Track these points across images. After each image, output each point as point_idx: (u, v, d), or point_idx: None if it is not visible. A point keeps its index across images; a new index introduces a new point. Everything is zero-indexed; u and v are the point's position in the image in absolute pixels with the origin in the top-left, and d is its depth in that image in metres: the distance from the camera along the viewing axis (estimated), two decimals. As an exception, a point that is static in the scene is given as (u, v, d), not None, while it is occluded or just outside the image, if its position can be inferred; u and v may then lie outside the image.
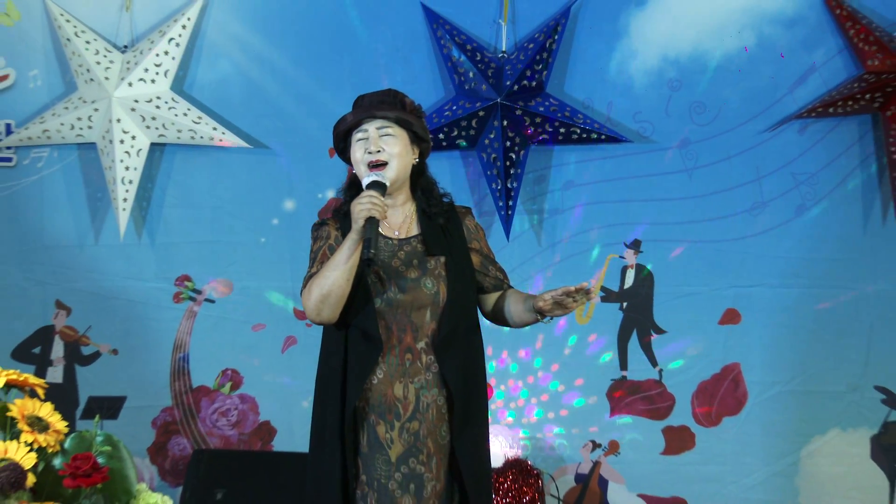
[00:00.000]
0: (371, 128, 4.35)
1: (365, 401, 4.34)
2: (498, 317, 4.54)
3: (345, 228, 4.36)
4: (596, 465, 6.60)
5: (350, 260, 4.20)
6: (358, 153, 4.36)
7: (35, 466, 3.75)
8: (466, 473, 4.36)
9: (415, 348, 4.34)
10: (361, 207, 4.17)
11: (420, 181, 4.51)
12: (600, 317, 6.61)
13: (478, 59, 6.34)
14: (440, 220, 4.49)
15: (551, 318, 4.34)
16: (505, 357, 6.63)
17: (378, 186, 4.25)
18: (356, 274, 4.28)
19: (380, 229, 4.36)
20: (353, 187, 4.50)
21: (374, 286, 4.32)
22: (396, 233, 4.41)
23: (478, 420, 4.46)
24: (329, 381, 4.42)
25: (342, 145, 4.49)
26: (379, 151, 4.31)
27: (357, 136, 4.39)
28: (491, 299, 4.52)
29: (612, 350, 6.60)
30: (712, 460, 6.54)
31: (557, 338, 6.64)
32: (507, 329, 4.92)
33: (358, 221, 4.18)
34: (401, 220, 4.42)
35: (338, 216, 4.48)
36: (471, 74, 6.36)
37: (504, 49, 6.41)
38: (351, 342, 4.35)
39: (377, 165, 4.31)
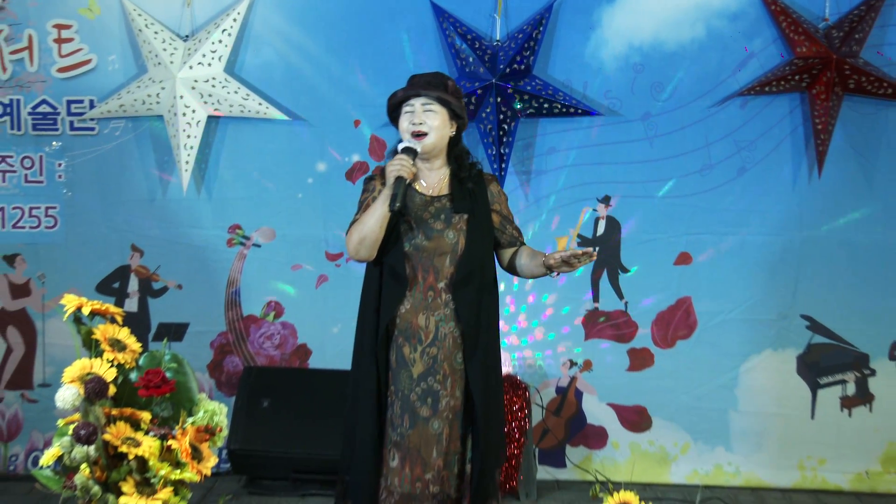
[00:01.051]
0: (417, 103, 4.69)
1: (395, 326, 4.72)
2: (511, 269, 4.87)
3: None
4: (573, 379, 6.96)
5: (383, 210, 4.56)
6: (404, 123, 4.71)
7: (115, 380, 4.11)
8: (475, 392, 4.70)
9: (436, 287, 4.71)
10: (392, 168, 4.56)
11: (455, 150, 4.81)
12: None
13: (476, 46, 6.62)
14: (469, 184, 4.78)
15: (558, 274, 4.74)
16: (501, 290, 6.55)
17: (410, 151, 4.62)
18: (392, 223, 4.63)
19: (416, 187, 4.74)
20: (395, 153, 4.75)
21: (405, 233, 4.67)
22: (431, 191, 4.76)
23: (488, 349, 4.76)
24: (366, 309, 4.78)
25: (394, 114, 4.80)
26: (421, 123, 4.66)
27: (405, 108, 4.72)
28: (507, 253, 4.86)
29: (587, 286, 6.92)
30: (668, 376, 6.89)
31: (547, 276, 6.74)
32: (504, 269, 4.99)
33: (389, 178, 4.56)
34: (435, 180, 4.78)
35: (384, 173, 4.76)
36: (471, 59, 6.64)
37: (498, 38, 6.69)
38: (384, 278, 4.71)
39: (418, 135, 4.67)
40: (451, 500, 4.75)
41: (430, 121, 4.70)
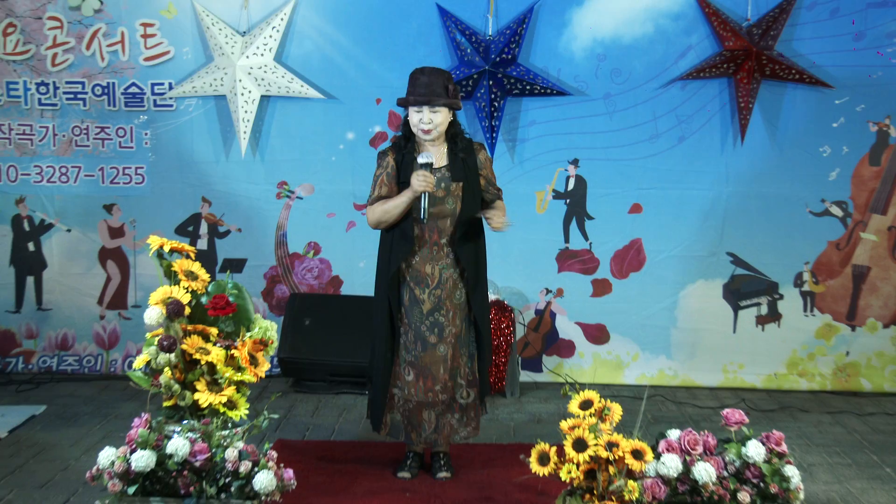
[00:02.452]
0: (425, 108, 4.74)
1: (408, 273, 4.86)
2: None
3: (397, 158, 4.79)
4: (548, 304, 6.99)
5: (403, 207, 4.71)
6: (415, 118, 4.78)
7: (189, 302, 4.32)
8: (477, 315, 4.92)
9: (439, 243, 4.88)
10: (417, 184, 4.65)
11: (451, 130, 4.88)
12: (552, 209, 6.89)
13: (473, 40, 6.60)
14: (462, 154, 4.86)
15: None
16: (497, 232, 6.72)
17: (428, 166, 4.68)
18: (401, 188, 4.75)
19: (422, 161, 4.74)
20: (405, 126, 4.87)
21: (413, 202, 4.76)
22: (435, 166, 4.80)
23: (482, 284, 4.95)
24: (382, 262, 4.91)
25: (405, 106, 4.84)
26: (430, 122, 4.73)
27: (414, 107, 4.78)
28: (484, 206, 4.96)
29: (559, 230, 6.93)
30: (622, 300, 6.93)
31: (528, 221, 6.83)
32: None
33: (416, 191, 4.66)
34: (437, 155, 4.83)
35: (395, 147, 4.86)
36: (468, 50, 6.60)
37: (490, 33, 6.65)
38: (395, 237, 4.84)
39: (427, 131, 4.74)
40: (457, 404, 4.95)
41: (435, 119, 4.77)
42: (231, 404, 4.22)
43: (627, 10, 6.74)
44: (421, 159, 4.71)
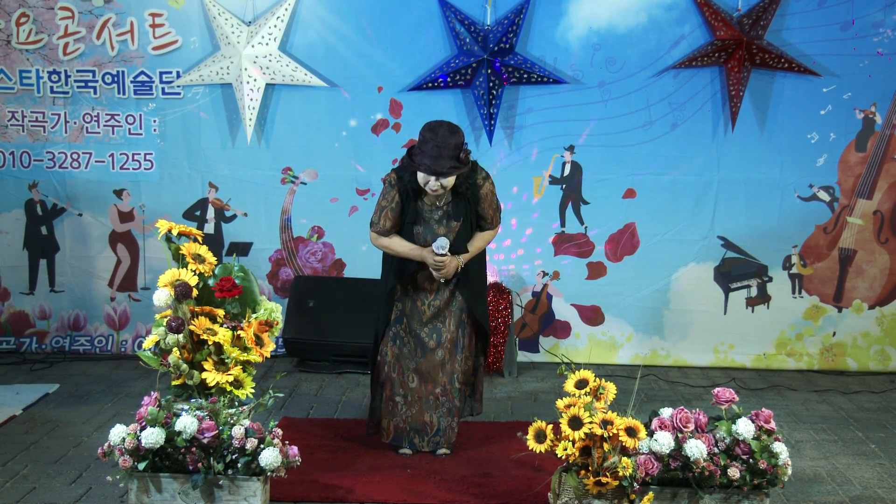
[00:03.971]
0: (433, 178, 4.67)
1: (412, 285, 4.92)
2: None
3: (402, 191, 4.79)
4: (545, 286, 6.97)
5: (415, 260, 4.80)
6: (422, 178, 4.70)
7: (197, 284, 4.30)
8: (474, 308, 4.96)
9: None
10: (433, 266, 4.76)
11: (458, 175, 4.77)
12: (549, 194, 6.87)
13: (472, 30, 6.57)
14: (464, 188, 4.81)
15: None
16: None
17: (444, 249, 4.74)
18: (405, 219, 4.79)
19: (427, 200, 4.82)
20: (410, 156, 4.74)
21: (417, 234, 4.82)
22: (437, 203, 4.85)
23: (480, 302, 4.99)
24: (387, 273, 4.97)
25: (412, 164, 4.70)
26: (438, 187, 4.69)
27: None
28: None
29: (555, 214, 6.91)
30: (617, 283, 6.92)
31: (525, 206, 6.87)
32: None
33: (437, 278, 4.79)
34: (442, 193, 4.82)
35: (399, 184, 4.81)
36: (467, 40, 6.58)
37: (489, 23, 6.61)
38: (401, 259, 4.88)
39: (436, 192, 4.70)
40: (456, 408, 4.98)
41: (445, 182, 4.72)
42: (237, 383, 4.23)
43: (621, 0, 6.72)
44: (437, 249, 4.75)
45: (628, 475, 3.80)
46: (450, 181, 4.72)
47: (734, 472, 3.89)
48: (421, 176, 4.70)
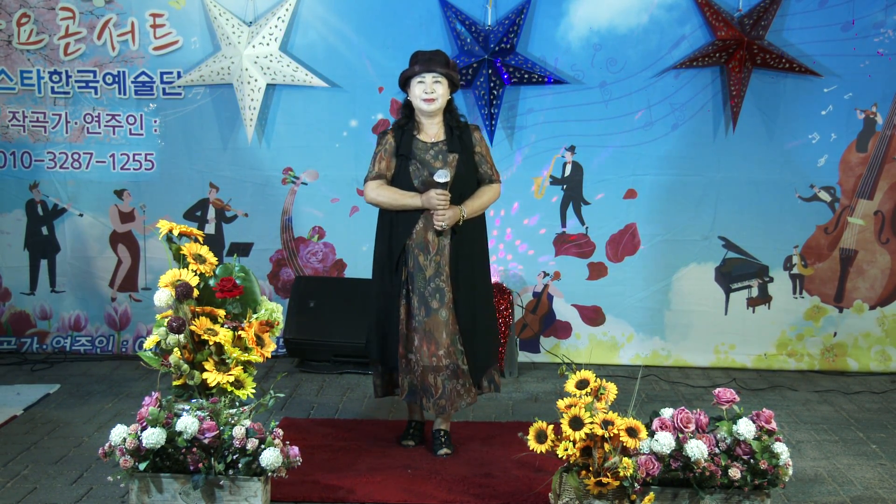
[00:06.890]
0: (428, 77, 4.82)
1: (412, 240, 4.89)
2: None
3: (397, 135, 4.86)
4: (545, 286, 6.97)
5: (408, 209, 4.80)
6: (417, 90, 4.83)
7: (198, 285, 4.29)
8: (463, 280, 4.93)
9: None
10: (434, 202, 4.75)
11: (449, 107, 4.97)
12: (550, 194, 6.87)
13: (473, 30, 6.57)
14: (458, 132, 4.93)
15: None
16: (496, 217, 6.82)
17: (445, 185, 4.74)
18: (400, 161, 4.83)
19: (421, 137, 4.85)
20: (407, 107, 4.96)
21: (413, 172, 4.82)
22: (431, 138, 4.92)
23: (478, 255, 4.99)
24: (383, 230, 4.96)
25: (405, 84, 4.91)
26: (432, 92, 4.80)
27: (417, 79, 4.83)
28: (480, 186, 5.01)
29: (557, 215, 6.90)
30: (617, 283, 6.91)
31: (525, 206, 6.88)
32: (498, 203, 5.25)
33: (430, 207, 4.76)
34: (434, 131, 4.94)
35: (395, 128, 4.93)
36: (468, 40, 6.59)
37: (489, 24, 6.62)
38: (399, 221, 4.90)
39: (429, 100, 4.82)
40: (461, 371, 4.92)
41: (438, 89, 4.83)
42: (238, 384, 4.22)
43: (622, 0, 6.72)
44: (438, 178, 4.76)
45: (629, 475, 3.80)
46: (443, 92, 4.84)
47: (735, 473, 3.89)
48: (416, 89, 4.83)
